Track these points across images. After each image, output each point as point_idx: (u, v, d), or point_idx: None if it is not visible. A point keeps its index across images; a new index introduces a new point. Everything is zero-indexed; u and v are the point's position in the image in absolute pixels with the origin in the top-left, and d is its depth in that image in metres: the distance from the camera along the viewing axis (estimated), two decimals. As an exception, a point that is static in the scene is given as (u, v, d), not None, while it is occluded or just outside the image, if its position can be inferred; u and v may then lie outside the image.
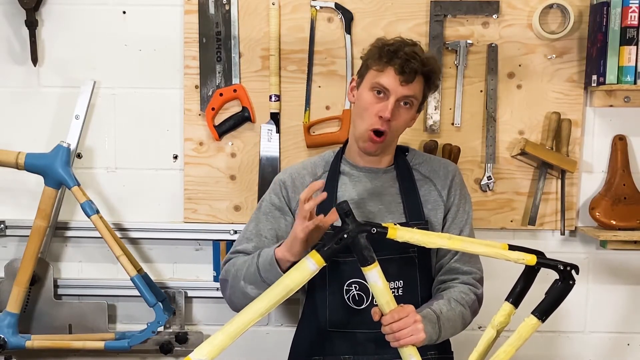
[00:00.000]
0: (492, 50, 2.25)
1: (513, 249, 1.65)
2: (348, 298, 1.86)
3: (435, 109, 2.27)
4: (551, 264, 1.65)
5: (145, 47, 2.29)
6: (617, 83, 2.17)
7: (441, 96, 2.27)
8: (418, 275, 1.88)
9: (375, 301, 1.66)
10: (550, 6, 2.22)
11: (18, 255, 2.30)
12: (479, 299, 1.91)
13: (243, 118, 2.28)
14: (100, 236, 2.18)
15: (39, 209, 2.20)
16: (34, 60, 2.26)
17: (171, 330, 2.35)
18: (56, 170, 2.17)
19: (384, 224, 1.61)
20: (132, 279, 2.18)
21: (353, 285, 1.85)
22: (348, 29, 2.24)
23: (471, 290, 1.88)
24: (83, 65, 2.29)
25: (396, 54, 1.79)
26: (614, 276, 2.38)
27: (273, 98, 2.27)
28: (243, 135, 2.30)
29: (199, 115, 2.29)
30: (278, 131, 2.29)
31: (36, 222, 2.20)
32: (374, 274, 1.60)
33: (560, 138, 2.27)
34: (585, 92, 2.28)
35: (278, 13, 2.24)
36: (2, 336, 2.20)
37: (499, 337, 1.70)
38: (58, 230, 2.33)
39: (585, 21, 2.24)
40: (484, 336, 1.69)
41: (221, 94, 2.26)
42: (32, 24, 2.24)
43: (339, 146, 2.03)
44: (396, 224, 1.64)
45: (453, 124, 2.28)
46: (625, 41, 2.15)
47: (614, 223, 2.26)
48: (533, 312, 1.65)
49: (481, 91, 2.27)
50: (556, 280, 1.66)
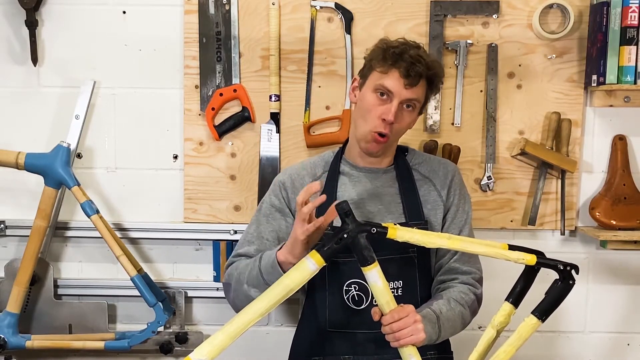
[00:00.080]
0: (492, 50, 2.25)
1: (513, 249, 1.65)
2: (348, 298, 1.86)
3: (435, 109, 2.27)
4: (551, 264, 1.65)
5: (145, 47, 2.29)
6: (617, 83, 2.17)
7: (441, 96, 2.26)
8: (418, 275, 1.88)
9: (375, 301, 1.66)
10: (550, 6, 2.22)
11: (18, 255, 2.30)
12: (479, 299, 1.91)
13: (243, 118, 2.28)
14: (100, 236, 2.18)
15: (39, 209, 2.20)
16: (34, 60, 2.26)
17: (171, 330, 2.35)
18: (56, 170, 2.17)
19: (384, 224, 1.61)
20: (132, 279, 2.18)
21: (353, 285, 1.85)
22: (348, 29, 2.24)
23: (470, 290, 1.88)
24: (83, 65, 2.29)
25: (401, 57, 1.78)
26: (614, 276, 2.38)
27: (273, 98, 2.27)
28: (243, 135, 2.30)
29: (199, 115, 2.29)
30: (278, 131, 2.29)
31: (36, 222, 2.20)
32: (374, 274, 1.60)
33: (560, 138, 2.27)
34: (585, 92, 2.28)
35: (278, 13, 2.24)
36: (2, 336, 2.20)
37: (499, 337, 1.70)
38: (58, 230, 2.33)
39: (585, 21, 2.24)
40: (484, 336, 1.69)
41: (221, 94, 2.26)
42: (32, 24, 2.24)
43: (339, 146, 2.02)
44: (396, 224, 1.64)
45: (453, 124, 2.28)
46: (625, 41, 2.15)
47: (614, 223, 2.26)
48: (533, 312, 1.65)
49: (481, 91, 2.27)
50: (556, 280, 1.65)
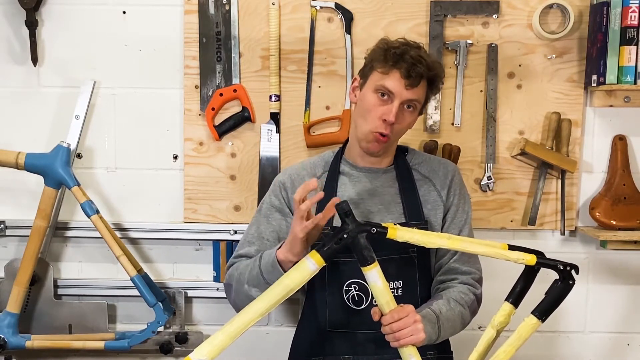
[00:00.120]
0: (492, 50, 2.25)
1: (513, 249, 1.65)
2: (348, 298, 1.86)
3: (435, 109, 2.27)
4: (551, 264, 1.65)
5: (145, 47, 2.29)
6: (617, 83, 2.17)
7: (441, 96, 2.26)
8: (417, 275, 1.88)
9: (375, 301, 1.66)
10: (550, 6, 2.22)
11: (18, 255, 2.30)
12: (478, 299, 1.90)
13: (243, 118, 2.28)
14: (100, 236, 2.18)
15: (39, 209, 2.20)
16: (34, 60, 2.26)
17: (171, 330, 2.35)
18: (56, 170, 2.17)
19: (384, 224, 1.61)
20: (132, 279, 2.18)
21: (353, 285, 1.85)
22: (348, 29, 2.24)
23: (470, 290, 1.88)
24: (83, 65, 2.29)
25: (402, 58, 1.78)
26: (614, 276, 2.38)
27: (273, 98, 2.27)
28: (243, 135, 2.30)
29: (199, 115, 2.29)
30: (278, 131, 2.28)
31: (36, 222, 2.20)
32: (374, 274, 1.60)
33: (560, 138, 2.27)
34: (585, 92, 2.28)
35: (278, 13, 2.24)
36: (2, 336, 2.20)
37: (499, 337, 1.70)
38: (58, 230, 2.33)
39: (585, 21, 2.24)
40: (484, 336, 1.69)
41: (221, 94, 2.26)
42: (32, 24, 2.24)
43: (339, 146, 2.02)
44: (396, 224, 1.64)
45: (453, 124, 2.28)
46: (625, 41, 2.15)
47: (614, 223, 2.25)
48: (533, 312, 1.65)
49: (481, 91, 2.27)
50: (556, 280, 1.65)
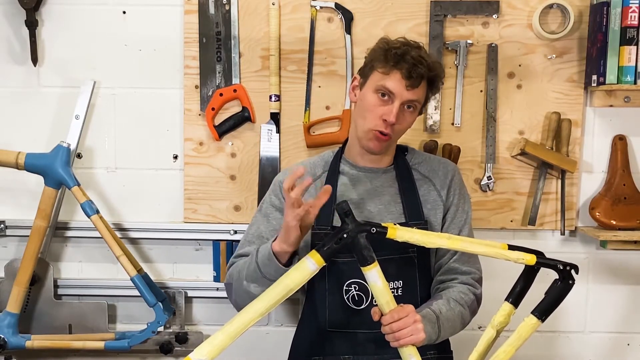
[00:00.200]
0: (492, 50, 2.25)
1: (513, 249, 1.65)
2: (348, 298, 1.86)
3: (435, 109, 2.27)
4: (551, 264, 1.65)
5: (145, 47, 2.29)
6: (617, 83, 2.17)
7: (441, 96, 2.26)
8: (417, 275, 1.88)
9: (374, 301, 1.66)
10: (550, 6, 2.22)
11: (18, 255, 2.30)
12: (478, 299, 1.90)
13: (243, 118, 2.28)
14: (100, 236, 2.18)
15: (39, 209, 2.20)
16: (34, 60, 2.26)
17: (171, 330, 2.35)
18: (56, 170, 2.17)
19: (384, 224, 1.61)
20: (132, 279, 2.18)
21: (353, 285, 1.85)
22: (348, 29, 2.24)
23: (470, 290, 1.88)
24: (83, 65, 2.29)
25: (403, 58, 1.78)
26: (614, 276, 2.38)
27: (273, 98, 2.27)
28: (243, 135, 2.30)
29: (199, 115, 2.29)
30: (278, 131, 2.29)
31: (36, 222, 2.20)
32: (374, 274, 1.60)
33: (560, 138, 2.27)
34: (585, 92, 2.28)
35: (278, 13, 2.24)
36: (2, 336, 2.20)
37: (499, 337, 1.70)
38: (58, 230, 2.33)
39: (585, 21, 2.24)
40: (484, 336, 1.69)
41: (221, 94, 2.26)
42: (32, 24, 2.24)
43: (338, 146, 2.02)
44: (396, 224, 1.64)
45: (453, 124, 2.28)
46: (625, 41, 2.15)
47: (614, 223, 2.25)
48: (533, 312, 1.65)
49: (481, 91, 2.27)
50: (556, 280, 1.65)
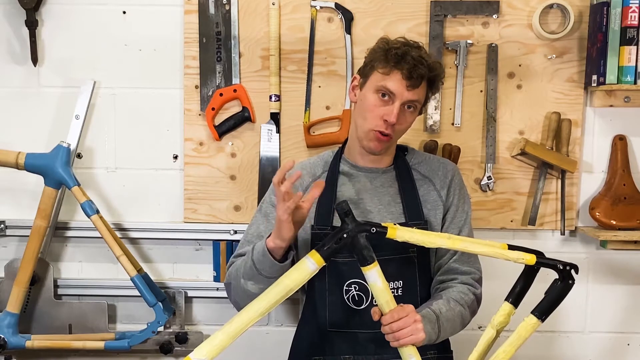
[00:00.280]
0: (492, 50, 2.25)
1: (513, 249, 1.65)
2: (348, 298, 1.86)
3: (435, 109, 2.27)
4: (550, 264, 1.65)
5: (145, 47, 2.29)
6: (617, 83, 2.17)
7: (441, 96, 2.26)
8: (417, 275, 1.88)
9: (375, 301, 1.66)
10: (550, 6, 2.22)
11: (18, 255, 2.31)
12: (478, 299, 1.90)
13: (243, 118, 2.28)
14: (100, 236, 2.18)
15: (39, 209, 2.20)
16: (34, 60, 2.26)
17: (171, 330, 2.35)
18: (56, 170, 2.17)
19: (384, 224, 1.61)
20: (132, 279, 2.18)
21: (353, 285, 1.85)
22: (348, 29, 2.24)
23: (470, 290, 1.88)
24: (83, 65, 2.29)
25: (404, 58, 1.77)
26: (614, 276, 2.38)
27: (273, 98, 2.27)
28: (243, 135, 2.30)
29: (199, 115, 2.29)
30: (278, 131, 2.28)
31: (36, 222, 2.20)
32: (374, 274, 1.60)
33: (560, 138, 2.27)
34: (585, 92, 2.28)
35: (278, 13, 2.24)
36: (2, 336, 2.20)
37: (499, 337, 1.70)
38: (58, 230, 2.32)
39: (585, 21, 2.24)
40: (484, 336, 1.69)
41: (221, 94, 2.26)
42: (32, 24, 2.24)
43: (338, 146, 2.02)
44: (395, 224, 1.64)
45: (453, 124, 2.28)
46: (625, 41, 2.15)
47: (614, 223, 2.25)
48: (533, 312, 1.65)
49: (481, 91, 2.27)
50: (556, 279, 1.66)
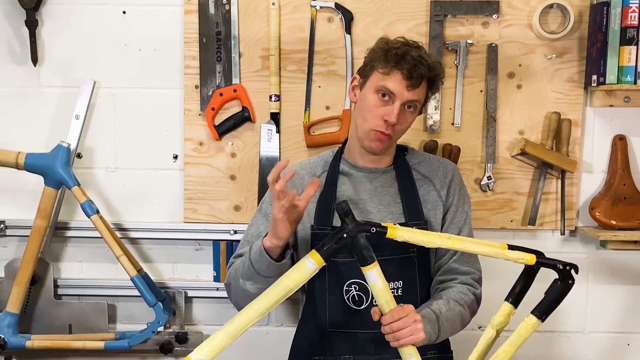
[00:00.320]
0: (492, 50, 2.25)
1: (512, 249, 1.65)
2: (348, 298, 1.86)
3: (435, 109, 2.27)
4: (550, 264, 1.65)
5: (145, 47, 2.29)
6: (617, 83, 2.17)
7: (441, 96, 2.26)
8: (417, 275, 1.88)
9: (374, 301, 1.66)
10: (550, 6, 2.22)
11: (18, 255, 2.30)
12: (478, 299, 1.90)
13: (243, 118, 2.28)
14: (100, 236, 2.18)
15: (39, 209, 2.20)
16: (34, 60, 2.26)
17: (171, 330, 2.34)
18: (56, 170, 2.17)
19: (384, 224, 1.61)
20: (132, 279, 2.18)
21: (353, 285, 1.85)
22: (348, 29, 2.24)
23: (470, 290, 1.88)
24: (83, 65, 2.29)
25: (404, 58, 1.77)
26: (614, 276, 2.38)
27: (273, 98, 2.27)
28: (243, 135, 2.30)
29: (199, 115, 2.29)
30: (278, 131, 2.28)
31: (36, 222, 2.20)
32: (374, 274, 1.60)
33: (560, 138, 2.27)
34: (585, 92, 2.28)
35: (278, 13, 2.24)
36: (2, 336, 2.20)
37: (499, 337, 1.70)
38: (58, 230, 2.32)
39: (585, 21, 2.24)
40: (484, 336, 1.69)
41: (221, 94, 2.26)
42: (32, 24, 2.24)
43: (338, 146, 2.02)
44: (395, 224, 1.64)
45: (453, 124, 2.28)
46: (625, 41, 2.15)
47: (614, 223, 2.25)
48: (533, 312, 1.65)
49: (481, 91, 2.27)
50: (556, 279, 1.66)
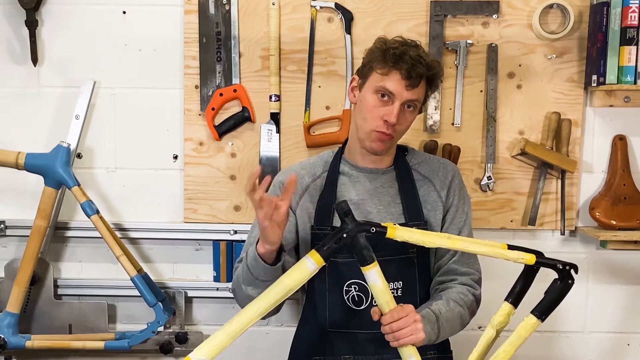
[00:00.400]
0: (492, 50, 2.25)
1: (512, 249, 1.65)
2: (348, 299, 1.86)
3: (435, 109, 2.27)
4: (550, 264, 1.65)
5: (145, 47, 2.29)
6: (617, 83, 2.17)
7: (441, 96, 2.26)
8: (417, 275, 1.88)
9: (374, 301, 1.66)
10: (550, 6, 2.22)
11: (18, 255, 2.30)
12: (477, 300, 1.90)
13: (243, 118, 2.28)
14: (100, 236, 2.19)
15: (39, 209, 2.20)
16: (34, 60, 2.26)
17: (171, 330, 2.34)
18: (56, 170, 2.17)
19: (383, 224, 1.61)
20: (132, 279, 2.18)
21: (352, 285, 1.85)
22: (348, 29, 2.24)
23: (469, 291, 1.88)
24: (83, 65, 2.29)
25: (402, 58, 1.77)
26: (614, 276, 2.38)
27: (273, 98, 2.27)
28: (243, 135, 2.30)
29: (199, 115, 2.29)
30: (278, 131, 2.28)
31: (36, 222, 2.20)
32: (374, 274, 1.60)
33: (560, 138, 2.27)
34: (585, 92, 2.28)
35: (278, 13, 2.24)
36: (2, 336, 2.20)
37: (499, 337, 1.70)
38: (58, 230, 2.32)
39: (585, 21, 2.24)
40: (484, 336, 1.69)
41: (221, 94, 2.26)
42: (32, 24, 2.24)
43: (338, 146, 2.02)
44: (395, 224, 1.64)
45: (453, 124, 2.28)
46: (625, 41, 2.15)
47: (614, 223, 2.25)
48: (532, 312, 1.65)
49: (481, 91, 2.27)
50: (555, 279, 1.66)
